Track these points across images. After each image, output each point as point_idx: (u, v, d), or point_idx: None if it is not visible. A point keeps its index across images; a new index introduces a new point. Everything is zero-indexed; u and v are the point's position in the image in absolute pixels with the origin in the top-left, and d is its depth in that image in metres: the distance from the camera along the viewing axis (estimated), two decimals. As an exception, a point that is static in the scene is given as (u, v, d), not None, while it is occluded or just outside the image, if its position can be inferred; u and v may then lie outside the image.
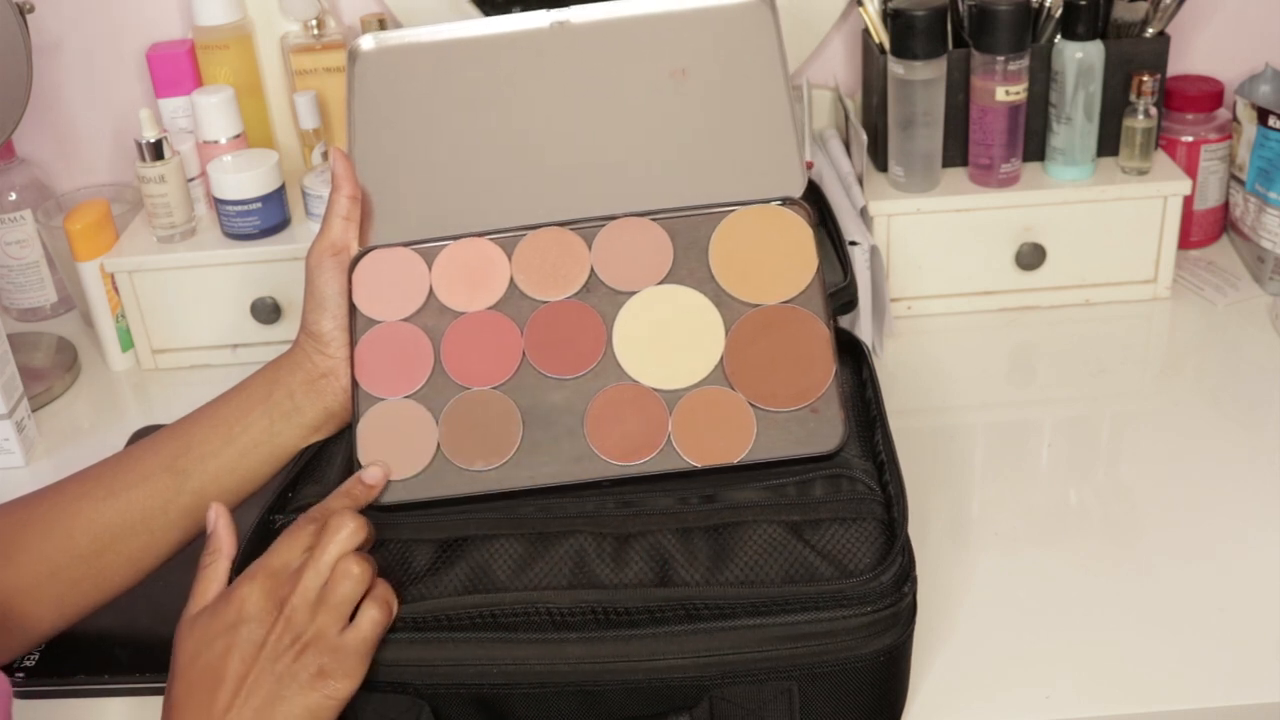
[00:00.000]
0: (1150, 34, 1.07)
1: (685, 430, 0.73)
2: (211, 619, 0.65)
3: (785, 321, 0.76)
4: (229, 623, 0.64)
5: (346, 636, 0.64)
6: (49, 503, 0.74)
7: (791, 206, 0.79)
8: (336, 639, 0.64)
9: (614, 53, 0.80)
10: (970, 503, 0.88)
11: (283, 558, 0.66)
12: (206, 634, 0.64)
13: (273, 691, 0.62)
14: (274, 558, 0.66)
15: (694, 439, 0.73)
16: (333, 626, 0.64)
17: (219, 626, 0.64)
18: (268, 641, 0.63)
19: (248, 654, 0.63)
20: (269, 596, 0.64)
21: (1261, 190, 1.10)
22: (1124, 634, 0.76)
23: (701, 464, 0.72)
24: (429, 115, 0.81)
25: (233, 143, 1.10)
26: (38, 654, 0.79)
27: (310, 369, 0.77)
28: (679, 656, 0.66)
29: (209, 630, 0.64)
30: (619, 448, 0.73)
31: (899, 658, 0.69)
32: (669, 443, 0.73)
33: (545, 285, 0.78)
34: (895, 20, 1.02)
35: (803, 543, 0.69)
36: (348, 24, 1.18)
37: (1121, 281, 1.09)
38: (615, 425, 0.74)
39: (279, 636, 0.63)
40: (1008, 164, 1.06)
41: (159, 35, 1.18)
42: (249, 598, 0.64)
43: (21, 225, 1.16)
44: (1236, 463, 0.90)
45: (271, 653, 0.63)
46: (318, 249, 0.78)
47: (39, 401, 1.07)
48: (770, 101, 0.80)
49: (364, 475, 0.73)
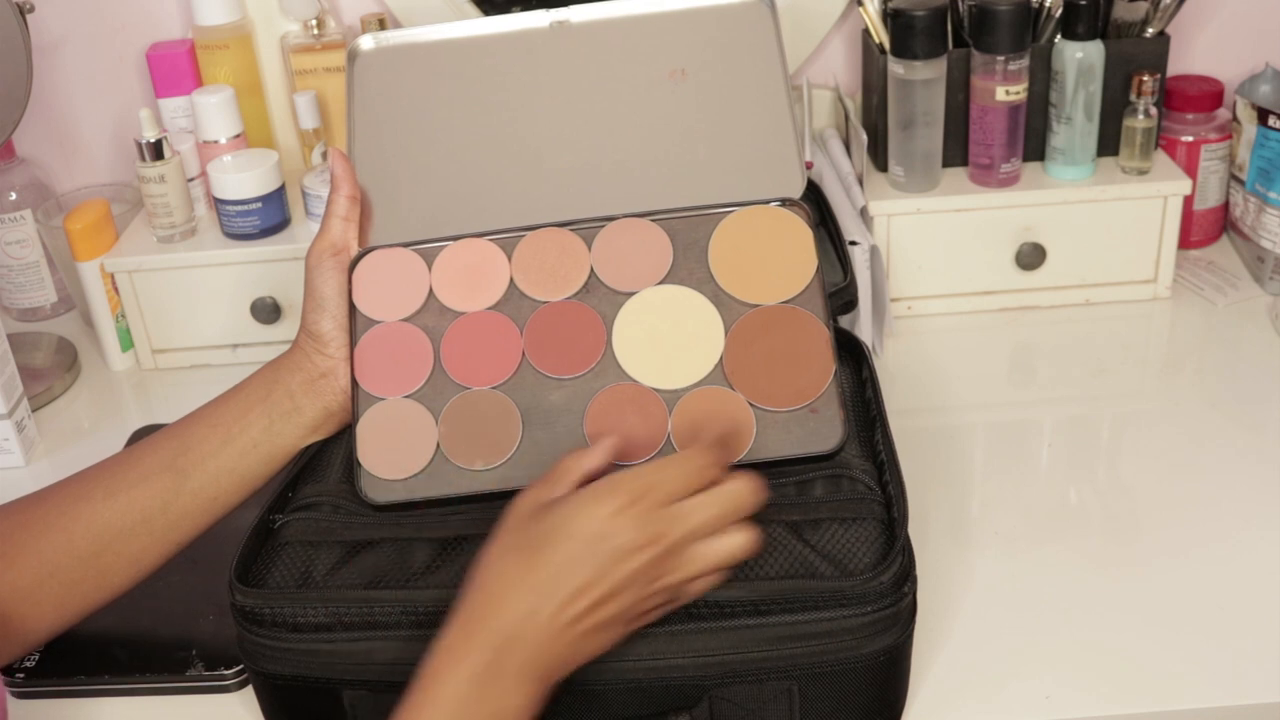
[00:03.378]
0: (1150, 34, 1.07)
1: (686, 430, 0.73)
2: (570, 520, 0.62)
3: (785, 322, 0.76)
4: (590, 534, 0.61)
5: (688, 588, 0.64)
6: (49, 503, 0.74)
7: (791, 207, 0.79)
8: (680, 590, 0.64)
9: (613, 53, 0.80)
10: (970, 503, 0.88)
11: (672, 484, 0.63)
12: (559, 531, 0.62)
13: (611, 616, 0.61)
14: (659, 484, 0.62)
15: (695, 439, 0.73)
16: (693, 580, 0.63)
17: (571, 530, 0.61)
18: (632, 569, 0.61)
19: (597, 572, 0.61)
20: (642, 524, 0.61)
21: (1261, 190, 1.09)
22: (1124, 634, 0.76)
23: None
24: (428, 115, 0.81)
25: (233, 143, 1.10)
26: (38, 654, 0.79)
27: (310, 369, 0.77)
28: (679, 656, 0.66)
29: (563, 529, 0.62)
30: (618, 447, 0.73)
31: (899, 658, 0.69)
32: (669, 443, 0.73)
33: (545, 285, 0.78)
34: (895, 20, 1.02)
35: (803, 542, 0.69)
36: (348, 24, 1.18)
37: (1121, 281, 1.09)
38: (615, 425, 0.74)
39: (651, 568, 0.61)
40: (1008, 164, 1.06)
41: (159, 35, 1.18)
42: (620, 517, 0.61)
43: (21, 225, 1.16)
44: (1236, 462, 0.90)
45: (633, 582, 0.61)
46: (317, 249, 0.78)
47: (39, 401, 1.07)
48: (770, 102, 0.80)
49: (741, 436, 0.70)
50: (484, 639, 0.61)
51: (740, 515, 0.64)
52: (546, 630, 0.61)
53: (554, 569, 0.61)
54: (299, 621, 0.68)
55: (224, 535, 0.77)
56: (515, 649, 0.61)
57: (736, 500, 0.64)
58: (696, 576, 0.64)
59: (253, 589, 0.69)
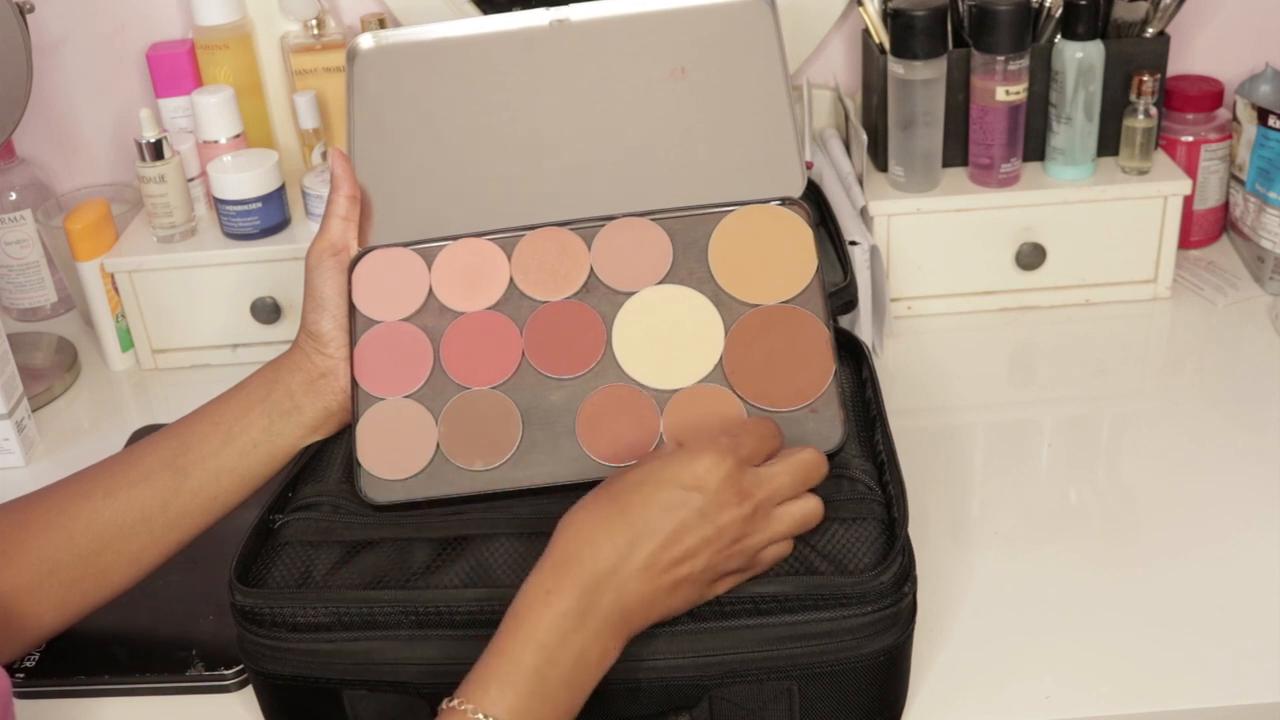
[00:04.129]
0: (1150, 34, 1.07)
1: (678, 431, 0.73)
2: (665, 467, 0.64)
3: (784, 321, 0.75)
4: (683, 483, 0.63)
5: (762, 556, 0.66)
6: (49, 503, 0.74)
7: (791, 206, 0.79)
8: (756, 557, 0.65)
9: (613, 51, 0.80)
10: (970, 503, 0.88)
11: (754, 450, 0.66)
12: (657, 479, 0.64)
13: (696, 571, 0.63)
14: (745, 446, 0.66)
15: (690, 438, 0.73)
16: (768, 545, 0.65)
17: (670, 478, 0.63)
18: (722, 523, 0.63)
19: (693, 525, 0.63)
20: (733, 482, 0.64)
21: (1261, 190, 1.09)
22: (1124, 634, 0.76)
23: None
24: (428, 114, 0.81)
25: (233, 143, 1.10)
26: (38, 654, 0.79)
27: (310, 369, 0.77)
28: (679, 656, 0.66)
29: (661, 476, 0.64)
30: (611, 449, 0.73)
31: (899, 657, 0.69)
32: (660, 443, 0.73)
33: (544, 285, 0.78)
34: (895, 20, 1.02)
35: (803, 542, 0.69)
36: (348, 24, 1.18)
37: (1121, 281, 1.09)
38: (607, 427, 0.74)
39: (738, 525, 0.63)
40: (1008, 164, 1.06)
41: (159, 35, 1.18)
42: (714, 471, 0.63)
43: (21, 225, 1.16)
44: (1236, 462, 0.90)
45: (721, 537, 0.63)
46: (317, 249, 0.78)
47: (39, 401, 1.07)
48: (770, 101, 0.80)
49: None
50: (576, 579, 0.61)
51: (811, 484, 0.68)
52: (637, 575, 0.62)
53: (649, 513, 0.63)
54: (299, 621, 0.68)
55: (224, 535, 0.77)
56: (606, 590, 0.62)
57: (809, 468, 0.67)
58: (772, 541, 0.66)
59: (253, 589, 0.69)
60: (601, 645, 0.62)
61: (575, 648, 0.61)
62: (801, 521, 0.67)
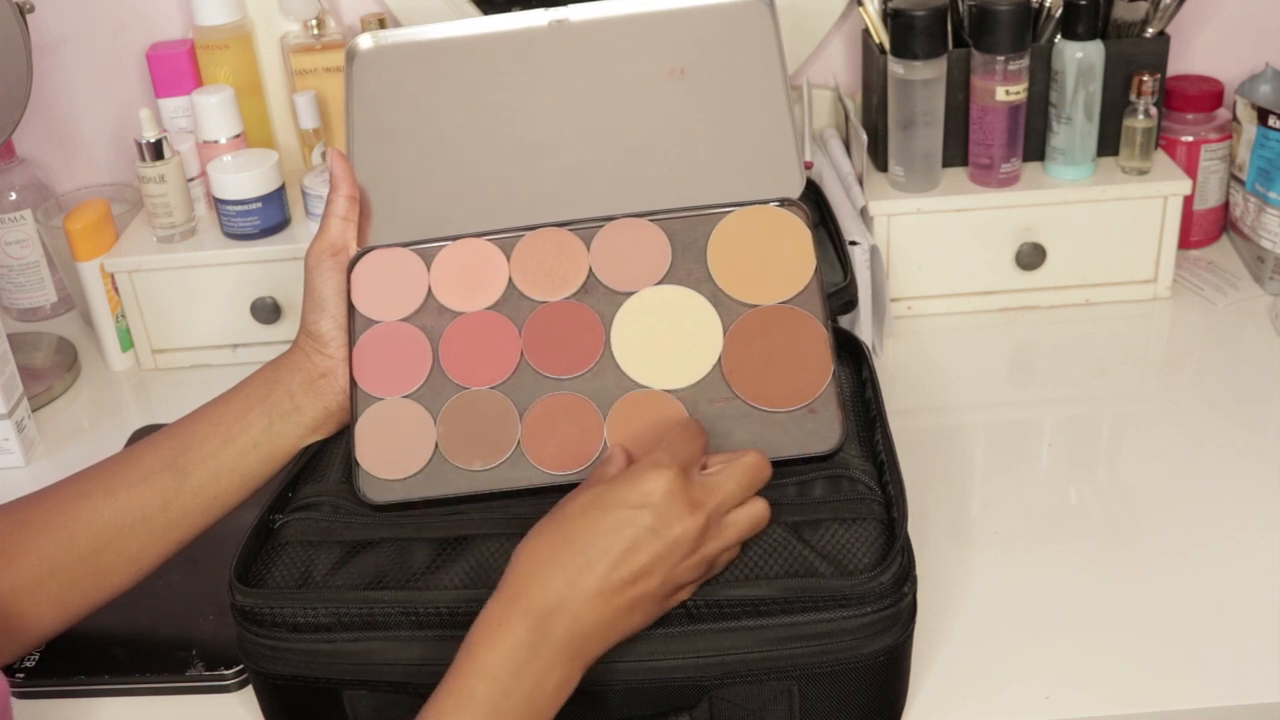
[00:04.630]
0: (1150, 34, 1.07)
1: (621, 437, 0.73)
2: (610, 490, 0.64)
3: (783, 322, 0.75)
4: (630, 502, 0.63)
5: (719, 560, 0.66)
6: (49, 503, 0.74)
7: (789, 207, 0.79)
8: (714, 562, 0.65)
9: (612, 52, 0.80)
10: (970, 503, 0.88)
11: (691, 454, 0.66)
12: (602, 503, 0.63)
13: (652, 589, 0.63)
14: (682, 453, 0.65)
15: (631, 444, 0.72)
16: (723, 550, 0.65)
17: (616, 500, 0.63)
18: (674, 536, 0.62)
19: (643, 542, 0.62)
20: (680, 495, 0.63)
21: (1261, 190, 1.09)
22: (1124, 634, 0.76)
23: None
24: (427, 115, 0.81)
25: (233, 143, 1.10)
26: (38, 654, 0.79)
27: (309, 369, 0.77)
28: (679, 657, 0.66)
29: (606, 500, 0.63)
30: (555, 458, 0.73)
31: (899, 658, 0.69)
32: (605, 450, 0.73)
33: (543, 286, 0.78)
34: (895, 20, 1.02)
35: (802, 543, 0.69)
36: (348, 24, 1.18)
37: (1121, 281, 1.09)
38: (550, 433, 0.74)
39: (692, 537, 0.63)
40: (1008, 164, 1.06)
41: (159, 35, 1.18)
42: (659, 486, 0.63)
43: (21, 225, 1.16)
44: (1236, 462, 0.90)
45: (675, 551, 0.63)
46: (316, 249, 0.78)
47: (39, 401, 1.07)
48: (769, 102, 0.80)
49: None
50: (526, 611, 0.61)
51: (757, 488, 0.67)
52: (589, 601, 0.62)
53: (596, 538, 0.62)
54: (299, 622, 0.68)
55: (224, 535, 0.77)
56: (557, 621, 0.61)
57: (754, 471, 0.67)
58: (726, 549, 0.66)
59: (253, 589, 0.69)
60: (558, 675, 0.61)
61: (530, 679, 0.60)
62: (751, 526, 0.67)
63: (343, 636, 0.68)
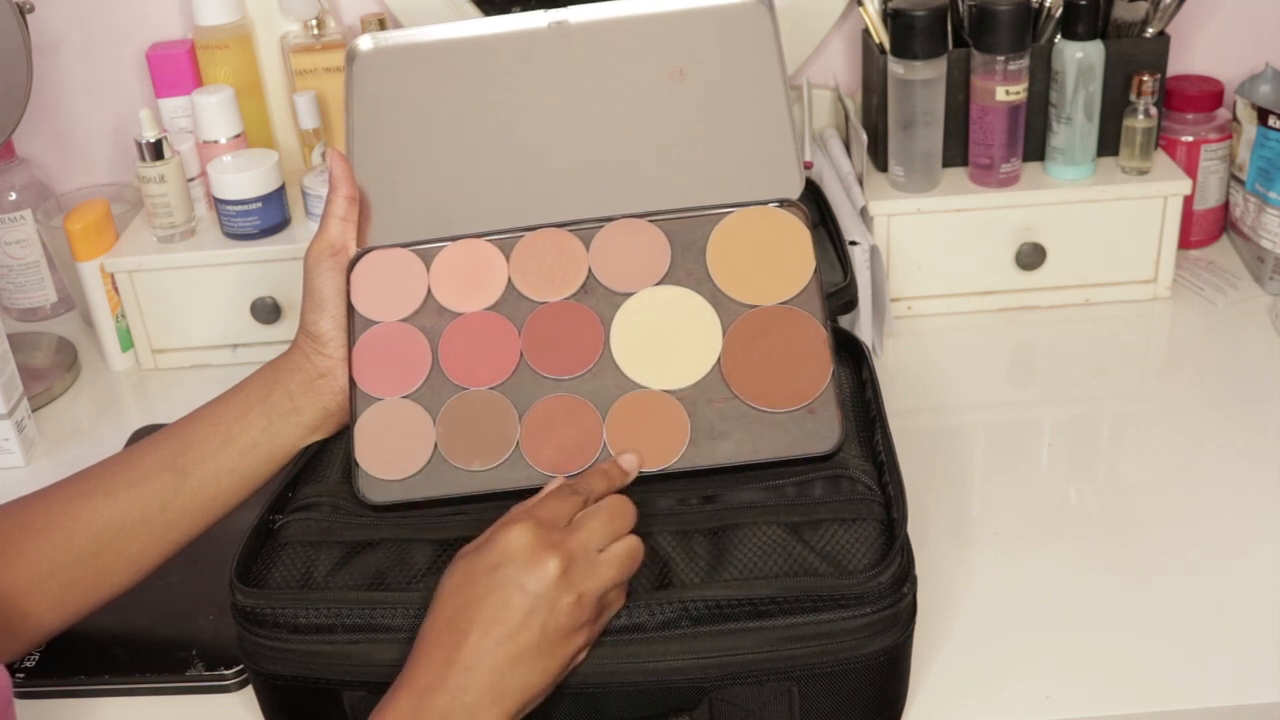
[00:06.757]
0: (1150, 34, 1.07)
1: (620, 436, 0.73)
2: (474, 559, 0.63)
3: (782, 322, 0.75)
4: (491, 564, 0.63)
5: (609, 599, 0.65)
6: (49, 503, 0.74)
7: (788, 208, 0.79)
8: (604, 600, 0.64)
9: (612, 53, 0.80)
10: (970, 503, 0.88)
11: (552, 511, 0.65)
12: (468, 573, 0.63)
13: (533, 641, 0.62)
14: (541, 509, 0.65)
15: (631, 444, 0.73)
16: (603, 591, 0.64)
17: (481, 567, 0.63)
18: (540, 583, 0.62)
19: (510, 597, 0.62)
20: (538, 541, 0.63)
21: (1261, 190, 1.09)
22: (1124, 634, 0.76)
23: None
24: (427, 115, 0.81)
25: (233, 143, 1.10)
26: (38, 654, 0.79)
27: (309, 369, 0.77)
28: (679, 658, 0.66)
29: (470, 569, 0.63)
30: (554, 459, 0.73)
31: (899, 658, 0.69)
32: (604, 450, 0.73)
33: (543, 286, 0.78)
34: (895, 20, 1.02)
35: (802, 543, 0.69)
36: (348, 24, 1.18)
37: (1121, 281, 1.09)
38: (548, 435, 0.74)
39: (558, 581, 0.62)
40: (1008, 164, 1.06)
41: (159, 35, 1.18)
42: (515, 540, 0.63)
43: (21, 225, 1.16)
44: (1236, 462, 0.90)
45: (545, 596, 0.62)
46: (315, 249, 0.78)
47: (39, 401, 1.07)
48: (768, 102, 0.80)
49: (621, 461, 0.72)
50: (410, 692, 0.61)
51: (625, 526, 0.66)
52: (468, 669, 0.61)
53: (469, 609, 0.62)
54: (299, 622, 0.68)
55: (224, 535, 0.77)
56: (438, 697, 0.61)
57: (614, 507, 0.67)
58: (610, 586, 0.64)
59: (253, 589, 0.69)
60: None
61: None
62: (626, 560, 0.65)
63: (343, 637, 0.68)
